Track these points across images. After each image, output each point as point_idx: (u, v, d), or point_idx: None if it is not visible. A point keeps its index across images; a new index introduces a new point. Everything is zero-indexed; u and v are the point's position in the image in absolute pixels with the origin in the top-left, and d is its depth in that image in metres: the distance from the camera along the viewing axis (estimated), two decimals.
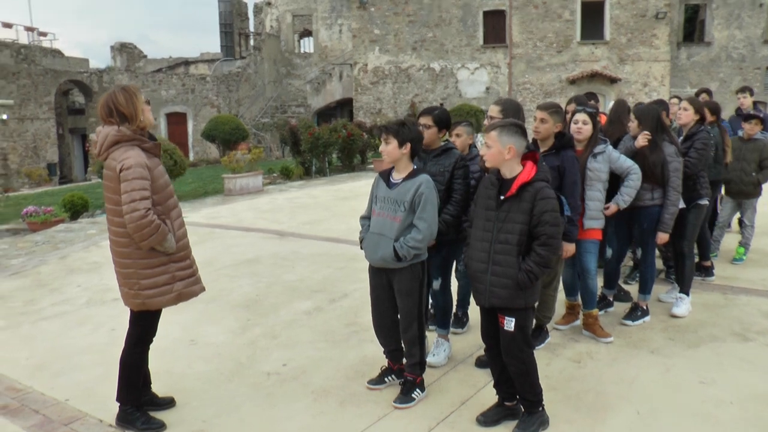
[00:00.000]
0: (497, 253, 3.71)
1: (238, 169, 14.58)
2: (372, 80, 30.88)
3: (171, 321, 5.97)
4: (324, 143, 17.40)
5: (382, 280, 4.28)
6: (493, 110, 4.79)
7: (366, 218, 4.38)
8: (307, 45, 37.54)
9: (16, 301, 7.01)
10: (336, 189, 14.60)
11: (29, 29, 32.66)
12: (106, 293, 7.09)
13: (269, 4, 36.14)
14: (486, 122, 4.55)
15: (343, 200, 12.76)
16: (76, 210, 12.92)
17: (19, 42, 31.40)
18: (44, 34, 34.13)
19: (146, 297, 3.88)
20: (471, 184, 4.73)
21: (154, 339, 4.17)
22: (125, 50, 39.91)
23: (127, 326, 4.11)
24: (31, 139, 30.58)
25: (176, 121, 32.55)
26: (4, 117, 29.22)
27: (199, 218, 11.48)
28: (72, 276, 8.03)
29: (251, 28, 38.68)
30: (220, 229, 10.44)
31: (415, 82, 30.58)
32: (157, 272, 3.87)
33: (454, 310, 5.33)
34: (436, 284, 4.79)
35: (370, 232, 4.26)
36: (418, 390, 4.27)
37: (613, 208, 5.32)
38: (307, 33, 36.66)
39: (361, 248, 4.33)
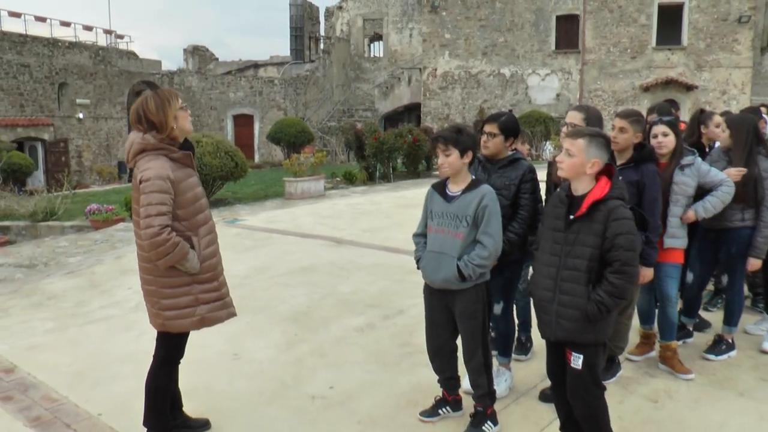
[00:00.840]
0: (564, 280, 3.25)
1: (299, 172, 14.38)
2: (441, 85, 30.48)
3: (215, 331, 5.65)
4: (389, 148, 17.07)
5: (440, 301, 3.87)
6: (575, 117, 4.25)
7: (420, 236, 3.98)
8: (377, 49, 37.36)
9: (67, 302, 6.87)
10: (399, 196, 14.23)
11: (107, 32, 33.53)
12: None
13: (340, 8, 36.13)
14: (565, 130, 4.07)
15: (404, 208, 12.37)
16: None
17: (97, 44, 32.17)
18: (121, 37, 35.00)
19: (166, 318, 3.59)
20: (540, 199, 4.30)
21: (181, 359, 3.87)
22: (197, 53, 40.58)
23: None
24: (104, 138, 31.28)
25: (243, 123, 32.81)
26: (80, 116, 29.96)
27: (257, 222, 11.28)
28: (124, 277, 7.88)
29: (322, 32, 38.78)
30: (278, 234, 10.19)
31: (485, 88, 30.04)
32: (179, 293, 3.56)
33: (516, 335, 4.89)
34: (498, 308, 4.33)
35: (428, 251, 3.85)
36: (489, 423, 3.85)
37: (690, 215, 4.70)
38: (377, 37, 36.49)
39: (418, 268, 3.94)
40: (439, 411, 4.05)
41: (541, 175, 4.25)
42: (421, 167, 19.05)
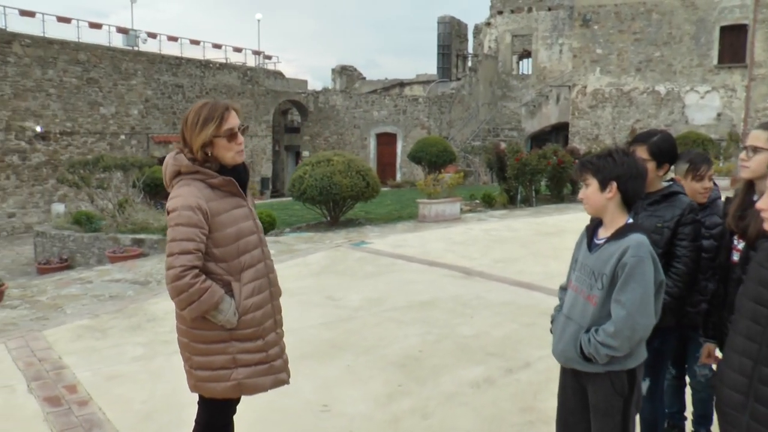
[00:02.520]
0: (764, 382, 2.11)
1: (434, 194, 13.57)
2: (590, 103, 28.79)
3: (307, 373, 4.98)
4: (531, 170, 15.91)
5: (574, 381, 2.84)
6: (759, 137, 3.01)
7: (564, 290, 3.00)
8: (525, 66, 36.07)
9: (165, 326, 6.38)
10: (539, 222, 13.07)
11: (256, 53, 34.40)
12: None
13: (489, 24, 35.20)
14: (743, 156, 2.89)
15: (545, 236, 11.23)
16: (263, 227, 12.59)
17: (246, 65, 33.11)
18: (269, 57, 35.82)
19: (198, 379, 2.89)
20: (704, 247, 3.22)
21: (230, 425, 3.11)
22: (345, 72, 41.01)
23: None
24: (249, 155, 31.99)
25: (386, 141, 32.55)
26: None
27: (383, 246, 10.55)
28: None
29: (469, 50, 38.02)
30: (403, 260, 9.40)
31: (637, 106, 28.03)
32: (213, 350, 2.85)
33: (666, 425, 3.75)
34: (643, 386, 3.24)
35: (560, 312, 2.91)
36: None
37: None
38: (526, 54, 35.23)
39: (551, 331, 2.99)
40: None
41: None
42: (566, 191, 17.71)
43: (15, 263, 17.75)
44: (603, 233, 2.77)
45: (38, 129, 23.82)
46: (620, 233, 2.68)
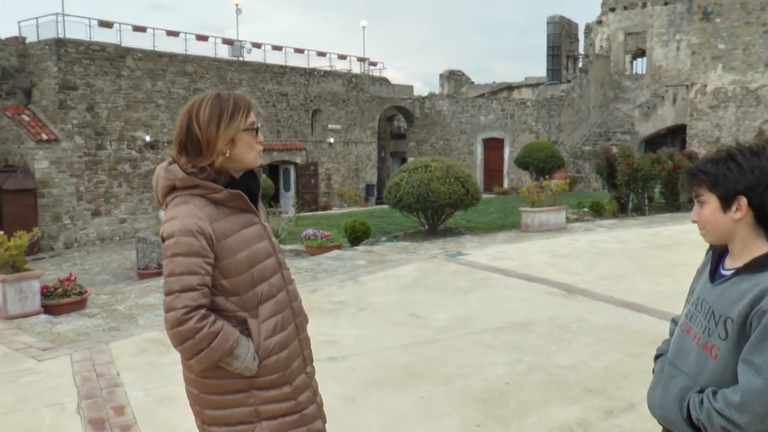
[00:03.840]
0: None
1: (538, 201, 12.73)
2: (711, 104, 26.84)
3: (375, 404, 4.43)
4: (644, 176, 14.74)
5: None
6: None
7: (676, 323, 2.24)
8: (639, 66, 34.22)
9: None
10: (652, 233, 11.97)
11: (361, 59, 34.28)
12: (325, 349, 5.77)
13: (600, 22, 33.62)
14: None
15: (657, 249, 10.20)
16: (356, 236, 12.17)
17: (351, 72, 33.08)
18: (374, 64, 35.68)
19: None
20: None
21: None
22: (453, 77, 40.42)
23: None
24: (354, 161, 31.99)
25: (493, 146, 31.68)
26: (331, 140, 30.85)
27: (480, 258, 9.86)
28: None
29: (580, 50, 36.53)
30: (499, 274, 8.70)
31: (766, 106, 25.85)
32: (230, 402, 2.31)
33: None
34: None
35: (663, 356, 2.19)
36: None
37: None
38: (639, 53, 33.42)
39: (653, 371, 2.24)
40: None
41: None
42: (683, 198, 16.34)
43: (121, 267, 18.20)
44: (730, 263, 2.00)
45: (147, 138, 24.60)
46: (757, 265, 1.89)
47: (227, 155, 2.33)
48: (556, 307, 6.97)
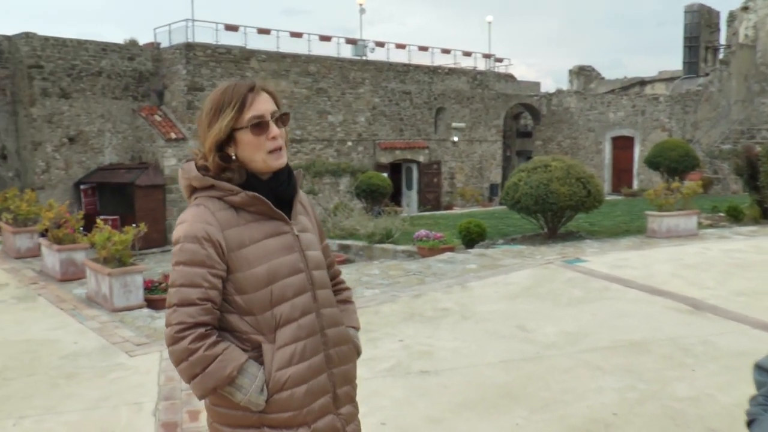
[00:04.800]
0: None
1: (666, 205, 11.77)
2: None
3: (461, 429, 4.01)
4: None
5: None
6: None
7: None
8: None
9: None
10: None
11: (486, 56, 33.55)
12: (418, 360, 5.41)
13: (746, 9, 31.17)
14: None
15: None
16: (471, 238, 11.70)
17: (476, 69, 32.46)
18: (500, 60, 34.83)
19: None
20: None
21: None
22: (582, 73, 38.99)
23: None
24: (477, 160, 31.42)
25: (622, 145, 30.20)
26: (455, 139, 30.40)
27: (599, 265, 9.16)
28: (405, 324, 6.56)
29: (721, 41, 34.12)
30: (618, 285, 8.00)
31: None
32: None
33: None
34: None
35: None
36: None
37: None
38: None
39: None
40: None
41: None
42: None
43: None
44: None
45: None
46: None
47: (234, 157, 2.04)
48: (679, 326, 6.25)
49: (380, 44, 29.55)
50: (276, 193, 2.07)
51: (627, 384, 4.81)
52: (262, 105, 2.03)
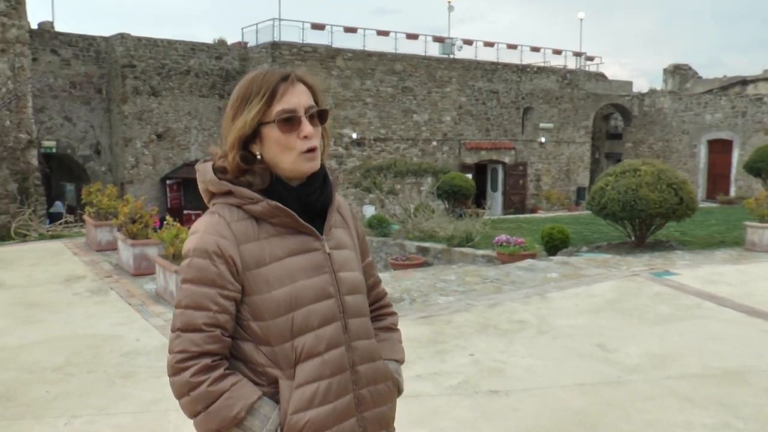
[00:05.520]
0: None
1: None
2: None
3: None
4: None
5: None
6: None
7: None
8: None
9: None
10: None
11: (577, 54, 32.55)
12: (488, 378, 5.05)
13: None
14: None
15: None
16: (553, 245, 11.18)
17: (566, 67, 31.55)
18: (591, 59, 33.73)
19: None
20: None
21: None
22: (678, 72, 37.32)
23: None
24: (565, 162, 30.58)
25: (719, 149, 28.70)
26: (542, 140, 29.65)
27: (691, 280, 8.52)
28: (478, 336, 6.19)
29: None
30: (712, 303, 7.38)
31: None
32: None
33: None
34: None
35: None
36: None
37: None
38: None
39: None
40: None
41: None
42: None
43: None
44: None
45: (354, 136, 25.12)
46: None
47: (259, 157, 1.75)
48: None
49: (468, 42, 29.09)
50: (305, 202, 1.78)
51: (721, 420, 4.31)
52: (296, 98, 1.74)
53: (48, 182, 21.58)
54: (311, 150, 1.75)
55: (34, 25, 22.79)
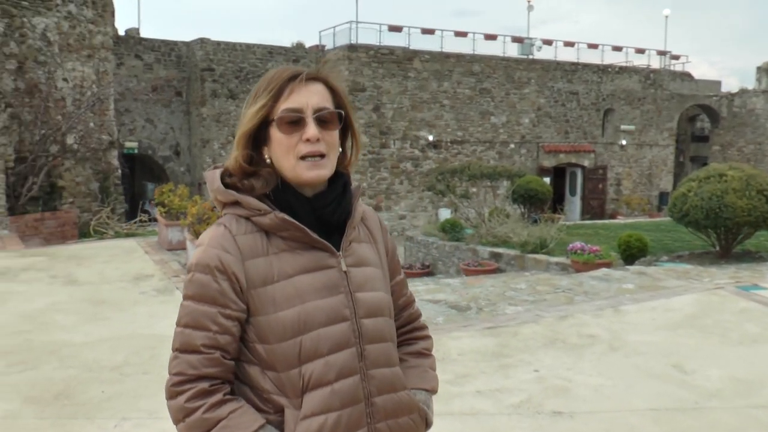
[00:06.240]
0: None
1: None
2: None
3: None
4: None
5: None
6: None
7: None
8: None
9: (447, 373, 5.17)
10: None
11: (661, 53, 31.36)
12: (553, 397, 4.76)
13: None
14: None
15: None
16: (630, 253, 10.68)
17: (650, 67, 30.46)
18: (676, 58, 32.45)
19: None
20: None
21: None
22: None
23: None
24: (647, 166, 29.57)
25: None
26: (623, 142, 28.75)
27: None
28: (545, 350, 5.89)
29: None
30: None
31: None
32: None
33: None
34: None
35: None
36: None
37: None
38: None
39: None
40: None
41: None
42: None
43: None
44: None
45: (430, 138, 24.98)
46: None
47: (268, 160, 1.60)
48: None
49: (548, 42, 28.48)
50: (319, 214, 1.60)
51: None
52: (304, 97, 1.58)
53: (131, 182, 22.26)
54: (315, 155, 1.58)
55: (121, 32, 23.61)
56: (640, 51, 30.64)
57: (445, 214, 23.89)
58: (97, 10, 16.83)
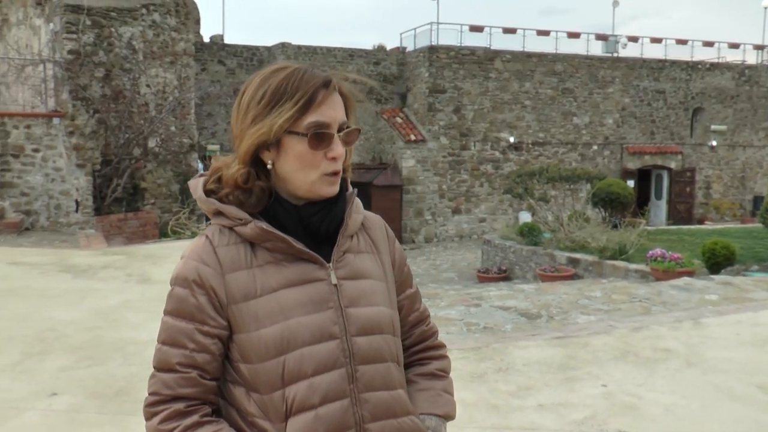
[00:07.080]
0: None
1: None
2: None
3: None
4: None
5: None
6: None
7: None
8: None
9: (511, 384, 4.97)
10: None
11: (758, 47, 29.86)
12: (620, 415, 4.51)
13: None
14: None
15: None
16: (716, 261, 10.16)
17: (744, 62, 29.08)
18: None
19: None
20: None
21: None
22: None
23: None
24: (740, 168, 28.24)
25: None
26: (714, 143, 27.53)
27: None
28: (614, 364, 5.59)
29: None
30: None
31: None
32: None
33: None
34: None
35: None
36: None
37: None
38: None
39: None
40: None
41: None
42: None
43: (469, 267, 18.17)
44: None
45: (511, 139, 24.68)
46: None
47: (270, 166, 1.46)
48: None
49: (633, 39, 27.58)
50: (307, 223, 1.48)
51: None
52: (332, 110, 1.46)
53: None
54: (336, 173, 1.47)
55: (206, 39, 24.24)
56: (734, 46, 29.25)
57: (525, 217, 23.49)
58: (180, 18, 17.30)
